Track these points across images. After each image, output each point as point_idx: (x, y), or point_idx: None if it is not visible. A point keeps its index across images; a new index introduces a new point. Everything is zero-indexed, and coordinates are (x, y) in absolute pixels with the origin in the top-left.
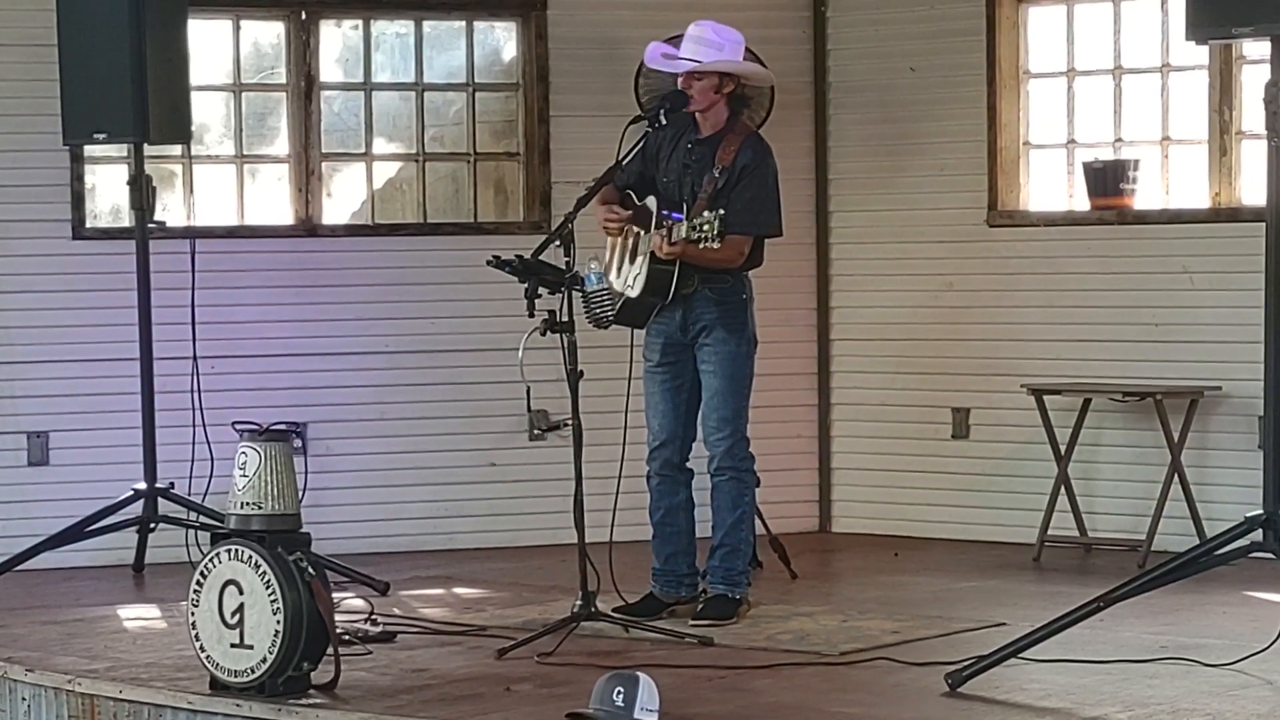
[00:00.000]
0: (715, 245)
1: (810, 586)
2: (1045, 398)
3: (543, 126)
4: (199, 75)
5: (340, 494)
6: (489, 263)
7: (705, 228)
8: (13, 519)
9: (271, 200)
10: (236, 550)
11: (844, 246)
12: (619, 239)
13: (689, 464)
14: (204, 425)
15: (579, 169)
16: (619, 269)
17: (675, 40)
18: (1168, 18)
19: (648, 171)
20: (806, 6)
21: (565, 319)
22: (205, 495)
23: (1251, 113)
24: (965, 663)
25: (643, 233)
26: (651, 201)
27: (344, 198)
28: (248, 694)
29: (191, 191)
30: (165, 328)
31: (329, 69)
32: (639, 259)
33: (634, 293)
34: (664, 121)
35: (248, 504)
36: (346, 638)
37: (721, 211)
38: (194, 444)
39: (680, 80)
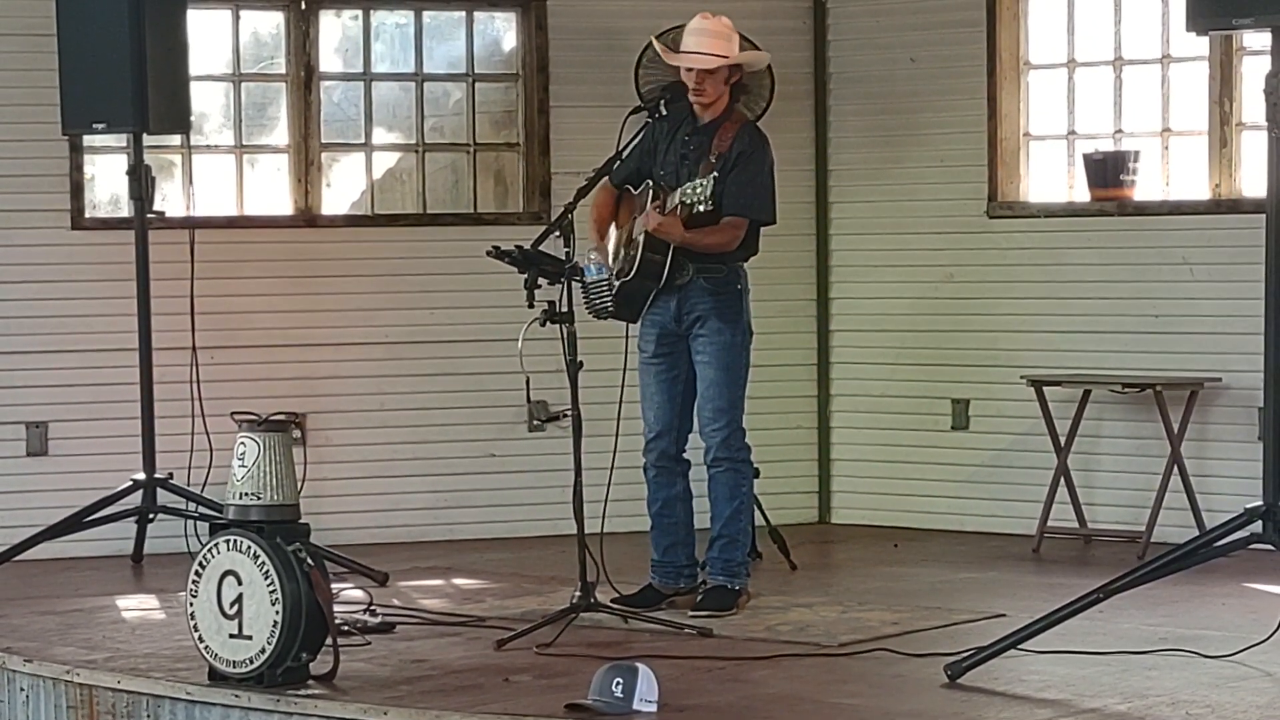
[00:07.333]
0: (706, 208)
1: (810, 578)
2: (1045, 389)
3: (542, 117)
4: (198, 65)
5: (339, 484)
6: (489, 253)
7: (698, 189)
8: (12, 509)
9: (271, 190)
10: (235, 541)
11: (844, 238)
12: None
13: (686, 455)
14: (203, 415)
15: (579, 159)
16: (614, 255)
17: (673, 32)
18: (1168, 9)
19: (644, 167)
20: None
21: (565, 309)
22: (204, 486)
23: (1252, 104)
24: (965, 654)
25: (638, 217)
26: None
27: (343, 188)
28: (246, 684)
29: (191, 181)
30: (164, 318)
31: (328, 59)
32: (634, 242)
33: (628, 274)
34: (664, 112)
35: (246, 494)
36: (345, 628)
37: (716, 175)
38: (193, 434)
39: (694, 75)
